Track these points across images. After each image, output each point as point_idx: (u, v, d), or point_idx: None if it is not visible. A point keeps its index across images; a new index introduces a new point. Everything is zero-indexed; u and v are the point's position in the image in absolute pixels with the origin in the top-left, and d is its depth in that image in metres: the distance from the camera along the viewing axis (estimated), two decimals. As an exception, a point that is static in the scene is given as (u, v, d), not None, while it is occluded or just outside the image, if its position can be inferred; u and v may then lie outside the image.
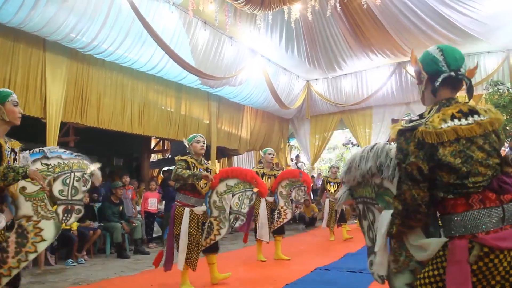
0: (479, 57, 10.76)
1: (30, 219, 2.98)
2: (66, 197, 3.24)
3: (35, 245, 2.95)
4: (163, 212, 8.86)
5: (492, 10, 8.60)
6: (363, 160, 1.95)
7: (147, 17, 6.86)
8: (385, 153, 1.89)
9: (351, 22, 9.94)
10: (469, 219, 1.54)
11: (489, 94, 9.02)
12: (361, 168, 1.96)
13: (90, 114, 7.25)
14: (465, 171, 1.55)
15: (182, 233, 4.37)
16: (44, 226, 3.02)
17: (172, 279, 4.86)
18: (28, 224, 2.97)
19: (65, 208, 3.23)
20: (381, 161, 1.88)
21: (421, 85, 1.77)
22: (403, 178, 1.60)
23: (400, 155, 1.61)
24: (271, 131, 13.20)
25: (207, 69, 8.59)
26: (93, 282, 5.22)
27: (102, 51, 6.85)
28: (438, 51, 1.76)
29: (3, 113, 2.64)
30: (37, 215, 3.01)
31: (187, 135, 9.52)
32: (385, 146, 1.92)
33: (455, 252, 1.52)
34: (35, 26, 5.84)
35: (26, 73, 6.32)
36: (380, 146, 1.93)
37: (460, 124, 1.59)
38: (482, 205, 1.54)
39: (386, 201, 1.90)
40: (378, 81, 12.10)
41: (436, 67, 1.71)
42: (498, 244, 1.49)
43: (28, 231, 2.95)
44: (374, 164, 1.90)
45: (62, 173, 3.25)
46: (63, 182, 3.24)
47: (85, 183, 3.36)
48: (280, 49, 10.46)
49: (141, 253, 7.50)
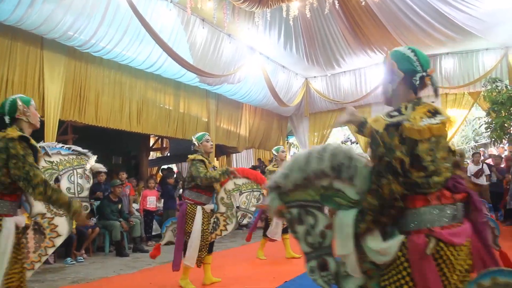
0: (477, 54, 10.78)
1: (45, 216, 3.13)
2: (73, 195, 3.35)
3: (52, 240, 3.12)
4: (162, 210, 8.86)
5: (490, 7, 8.59)
6: (313, 160, 1.83)
7: (145, 15, 6.84)
8: (344, 153, 1.79)
9: (349, 19, 9.93)
10: (426, 214, 1.61)
11: (488, 91, 9.02)
12: (308, 169, 1.84)
13: (88, 112, 7.24)
14: (431, 170, 1.62)
15: (196, 231, 4.43)
16: (58, 222, 3.17)
17: (171, 277, 4.87)
18: (43, 221, 3.12)
19: None
20: (339, 161, 1.78)
21: (393, 83, 1.78)
22: (383, 172, 1.59)
23: (383, 149, 1.60)
24: (270, 128, 13.20)
25: (206, 67, 8.57)
26: (92, 281, 5.22)
27: (100, 49, 6.84)
28: (410, 51, 1.80)
29: (29, 116, 2.75)
30: (50, 212, 3.16)
31: (185, 133, 9.62)
32: (342, 146, 1.85)
33: (416, 248, 1.57)
34: (33, 24, 5.82)
35: (24, 72, 6.30)
36: (336, 146, 1.84)
37: (431, 123, 1.64)
38: (438, 201, 1.61)
39: (337, 202, 1.83)
40: (376, 78, 12.08)
41: (412, 67, 1.76)
42: (452, 239, 1.58)
43: (44, 227, 3.11)
44: (329, 165, 1.79)
45: (66, 171, 3.37)
46: (69, 180, 3.36)
47: (88, 179, 3.48)
48: (278, 47, 10.45)
49: (140, 251, 7.51)
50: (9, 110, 2.71)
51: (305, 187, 1.90)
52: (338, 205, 1.83)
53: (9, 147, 2.48)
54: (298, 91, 12.91)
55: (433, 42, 10.20)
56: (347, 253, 1.73)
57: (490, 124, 8.77)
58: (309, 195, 1.91)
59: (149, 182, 8.90)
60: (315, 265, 1.91)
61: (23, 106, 2.72)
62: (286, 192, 1.93)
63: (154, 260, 6.68)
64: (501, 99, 8.31)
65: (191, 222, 4.47)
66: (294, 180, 1.89)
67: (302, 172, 1.87)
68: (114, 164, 11.52)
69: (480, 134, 16.53)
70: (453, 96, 11.91)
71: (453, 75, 11.12)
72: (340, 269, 1.84)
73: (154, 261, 6.57)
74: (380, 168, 1.61)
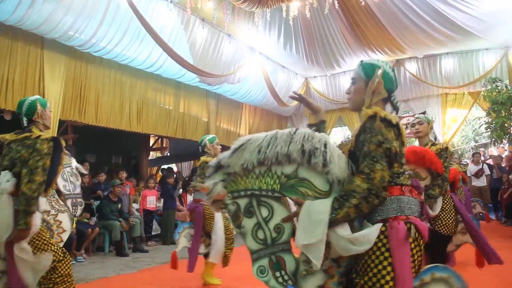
0: (477, 54, 10.78)
1: (49, 214, 3.26)
2: (69, 192, 3.52)
3: (60, 236, 3.24)
4: (161, 210, 8.86)
5: (490, 7, 8.59)
6: (280, 142, 1.69)
7: (145, 15, 6.84)
8: (318, 138, 1.70)
9: (349, 19, 9.93)
10: (404, 202, 1.68)
11: (488, 91, 9.03)
12: (270, 151, 1.68)
13: (88, 112, 7.24)
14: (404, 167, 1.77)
15: (219, 229, 4.57)
16: (62, 219, 3.31)
17: (171, 277, 4.87)
18: (49, 218, 3.24)
19: (72, 201, 3.54)
20: (313, 145, 1.68)
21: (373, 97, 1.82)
22: (378, 158, 1.63)
23: (381, 137, 1.65)
24: (269, 128, 13.17)
25: (206, 67, 8.57)
26: (92, 281, 5.22)
27: (100, 49, 6.84)
28: (391, 70, 1.89)
29: (45, 119, 2.88)
30: (53, 209, 3.29)
31: (185, 133, 9.63)
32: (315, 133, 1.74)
33: (397, 233, 1.60)
34: (33, 24, 5.82)
35: (24, 71, 6.30)
36: (308, 132, 1.73)
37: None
38: (410, 194, 1.72)
39: (302, 192, 1.69)
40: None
41: (393, 88, 1.87)
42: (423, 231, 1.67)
43: (51, 224, 3.22)
44: (299, 148, 1.67)
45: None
46: (62, 177, 3.47)
47: (77, 177, 3.63)
48: (278, 47, 10.45)
49: (140, 251, 7.51)
50: (27, 111, 2.83)
51: (260, 174, 1.72)
52: (303, 195, 1.70)
53: (37, 143, 2.66)
54: (298, 91, 12.83)
55: (433, 42, 10.21)
56: (315, 241, 1.60)
57: (490, 124, 8.79)
58: (265, 184, 1.73)
59: (149, 182, 8.91)
60: (266, 264, 1.73)
61: (41, 110, 2.84)
62: (232, 177, 1.73)
63: (154, 260, 6.72)
64: (501, 99, 8.33)
65: (211, 222, 4.61)
66: (247, 162, 1.70)
67: (259, 153, 1.69)
68: (114, 163, 11.53)
69: (480, 134, 16.51)
70: (453, 96, 11.92)
71: (453, 75, 11.12)
72: (300, 267, 1.69)
73: (154, 261, 6.61)
74: (376, 154, 1.63)
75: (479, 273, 3.98)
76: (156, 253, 7.50)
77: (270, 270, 1.72)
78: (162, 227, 8.76)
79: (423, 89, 11.86)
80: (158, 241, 8.68)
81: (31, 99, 2.88)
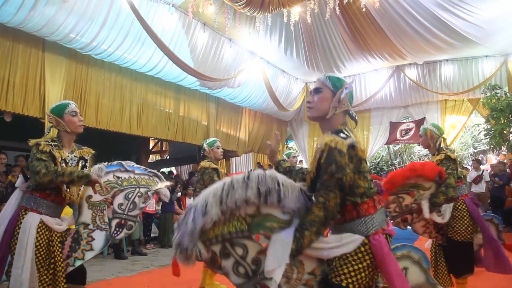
0: (477, 61, 10.84)
1: (87, 227, 3.12)
2: (123, 211, 3.31)
3: (84, 253, 3.05)
4: (160, 213, 8.85)
5: (490, 14, 8.63)
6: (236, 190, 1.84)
7: (147, 18, 6.87)
8: (270, 178, 1.86)
9: (350, 25, 9.97)
10: (378, 217, 1.87)
11: (487, 98, 9.06)
12: (229, 200, 1.83)
13: (88, 115, 7.25)
14: (370, 179, 1.92)
15: None
16: (96, 236, 3.12)
17: (169, 280, 4.85)
18: (84, 231, 3.10)
19: (119, 222, 3.31)
20: (267, 186, 1.84)
21: (338, 108, 1.95)
22: (331, 187, 1.77)
23: (334, 167, 1.77)
24: (269, 133, 13.21)
25: (206, 71, 8.60)
26: (90, 283, 5.19)
27: (101, 52, 6.86)
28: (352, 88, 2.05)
29: (63, 126, 2.89)
30: (94, 224, 3.14)
31: (185, 137, 9.64)
32: (267, 173, 1.88)
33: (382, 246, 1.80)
34: (35, 26, 5.84)
35: (25, 73, 6.32)
36: (260, 173, 1.88)
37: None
38: (380, 205, 1.91)
39: (269, 227, 1.87)
40: (376, 84, 12.13)
41: (352, 102, 2.03)
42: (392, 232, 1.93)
43: (82, 238, 3.08)
44: (255, 192, 1.84)
45: (128, 187, 3.35)
46: (125, 197, 3.32)
47: (146, 200, 3.42)
48: (279, 52, 10.48)
49: (139, 254, 7.50)
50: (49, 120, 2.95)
51: (226, 220, 1.86)
52: (270, 229, 1.87)
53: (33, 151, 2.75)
54: (298, 96, 12.95)
55: (433, 49, 10.25)
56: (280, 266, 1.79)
57: (489, 130, 8.81)
58: (233, 227, 1.88)
59: (148, 185, 8.89)
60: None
61: (54, 119, 2.89)
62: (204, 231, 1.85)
63: (152, 263, 6.72)
64: (500, 106, 8.36)
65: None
66: (213, 216, 1.83)
67: (221, 205, 1.84)
68: (113, 166, 11.50)
69: (479, 140, 16.56)
70: (453, 102, 11.97)
71: (453, 82, 11.17)
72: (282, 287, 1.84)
73: (152, 264, 6.60)
74: (329, 184, 1.78)
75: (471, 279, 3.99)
76: (155, 256, 7.49)
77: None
78: (160, 230, 8.76)
79: (422, 95, 11.91)
80: (156, 244, 8.67)
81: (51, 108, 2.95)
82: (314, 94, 2.01)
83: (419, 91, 11.79)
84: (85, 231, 3.10)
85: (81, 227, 3.09)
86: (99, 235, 3.13)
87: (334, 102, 1.94)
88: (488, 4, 8.42)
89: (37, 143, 2.77)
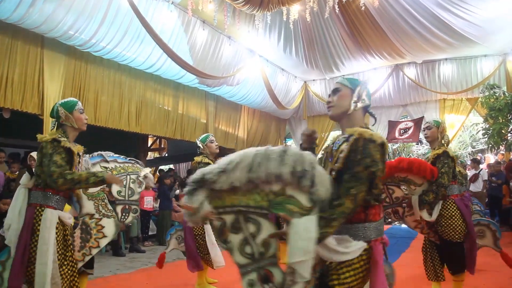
0: (476, 61, 10.84)
1: (93, 217, 3.26)
2: (124, 198, 3.53)
3: (97, 241, 3.21)
4: (158, 210, 8.86)
5: (489, 14, 8.64)
6: (271, 162, 1.69)
7: (146, 16, 6.86)
8: (309, 161, 1.71)
9: (349, 24, 9.97)
10: (380, 225, 1.88)
11: (485, 97, 9.06)
12: (260, 170, 1.69)
13: (87, 112, 7.21)
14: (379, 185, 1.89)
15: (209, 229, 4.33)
16: (105, 224, 3.28)
17: (168, 277, 4.87)
18: (91, 221, 3.24)
19: (123, 207, 3.55)
20: (304, 167, 1.69)
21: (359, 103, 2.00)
22: (363, 180, 1.74)
23: (369, 160, 1.76)
24: (268, 131, 13.22)
25: (205, 69, 8.59)
26: (88, 280, 5.21)
27: (100, 49, 6.85)
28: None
29: (72, 121, 2.95)
30: (99, 213, 3.29)
31: (184, 134, 9.64)
32: (305, 153, 1.73)
33: (379, 254, 1.81)
34: (34, 23, 5.83)
35: (23, 70, 6.31)
36: (299, 152, 1.74)
37: None
38: (382, 214, 1.93)
39: (289, 209, 1.70)
40: (375, 82, 12.12)
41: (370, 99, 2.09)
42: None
43: (91, 227, 3.21)
44: (290, 170, 1.68)
45: (119, 175, 3.48)
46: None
47: (140, 184, 3.65)
48: (278, 50, 10.48)
49: (137, 251, 7.51)
50: (55, 115, 2.96)
51: (248, 191, 1.72)
52: (290, 212, 1.70)
53: (43, 147, 2.77)
54: (297, 94, 12.95)
55: (431, 48, 10.26)
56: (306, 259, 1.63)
57: (488, 130, 8.82)
58: (253, 200, 1.74)
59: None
60: (255, 278, 1.74)
61: (65, 113, 2.93)
62: (217, 194, 1.73)
63: (150, 260, 6.72)
64: (498, 106, 8.36)
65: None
66: (235, 180, 1.70)
67: (249, 172, 1.69)
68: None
69: (478, 140, 16.55)
70: (451, 101, 11.97)
71: (451, 81, 11.17)
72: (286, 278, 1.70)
73: (150, 261, 6.60)
74: (362, 176, 1.75)
75: (472, 277, 4.00)
76: (153, 253, 7.49)
77: (258, 283, 1.75)
78: (159, 228, 8.77)
79: (421, 94, 11.91)
80: (154, 241, 8.68)
81: (57, 103, 2.99)
82: (333, 94, 2.05)
83: (417, 90, 11.80)
84: (92, 220, 3.23)
85: (86, 218, 3.21)
86: (108, 222, 3.28)
87: (354, 97, 1.99)
88: (487, 4, 8.43)
89: (54, 139, 2.77)
